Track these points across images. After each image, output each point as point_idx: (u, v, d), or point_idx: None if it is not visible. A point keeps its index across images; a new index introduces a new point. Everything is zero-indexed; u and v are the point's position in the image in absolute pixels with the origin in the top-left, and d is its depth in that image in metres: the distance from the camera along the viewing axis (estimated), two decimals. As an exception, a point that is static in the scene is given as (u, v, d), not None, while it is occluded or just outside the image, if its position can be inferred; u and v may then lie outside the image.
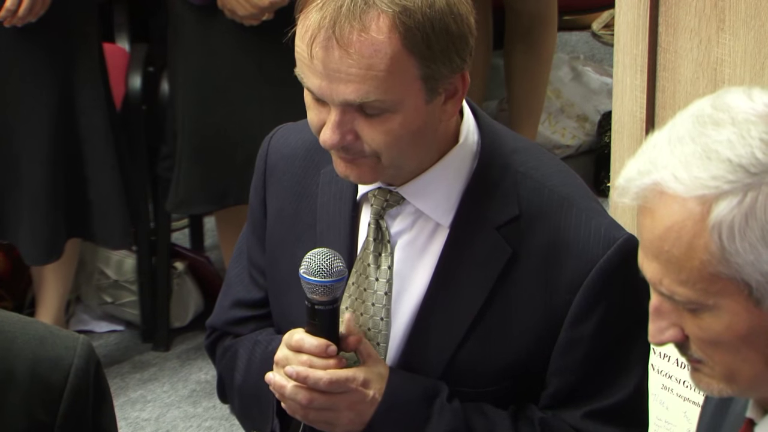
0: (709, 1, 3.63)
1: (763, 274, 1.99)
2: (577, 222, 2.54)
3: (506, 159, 2.57)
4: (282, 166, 2.70)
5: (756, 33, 3.54)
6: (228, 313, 2.79)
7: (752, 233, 1.99)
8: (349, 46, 2.35)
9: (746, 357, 2.06)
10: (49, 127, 4.30)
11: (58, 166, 4.32)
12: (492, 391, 2.57)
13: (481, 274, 2.54)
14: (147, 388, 4.63)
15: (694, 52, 3.68)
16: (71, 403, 2.36)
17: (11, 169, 4.31)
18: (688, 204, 2.01)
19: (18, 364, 2.36)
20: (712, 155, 2.03)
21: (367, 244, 2.57)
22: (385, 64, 2.36)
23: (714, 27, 3.62)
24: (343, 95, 2.37)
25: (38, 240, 4.36)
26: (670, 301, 2.07)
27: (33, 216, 4.34)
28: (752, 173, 1.99)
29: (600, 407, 2.54)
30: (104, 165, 4.35)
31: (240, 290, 2.77)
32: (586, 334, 2.51)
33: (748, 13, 3.55)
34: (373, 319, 2.58)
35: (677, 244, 2.03)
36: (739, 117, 2.05)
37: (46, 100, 4.29)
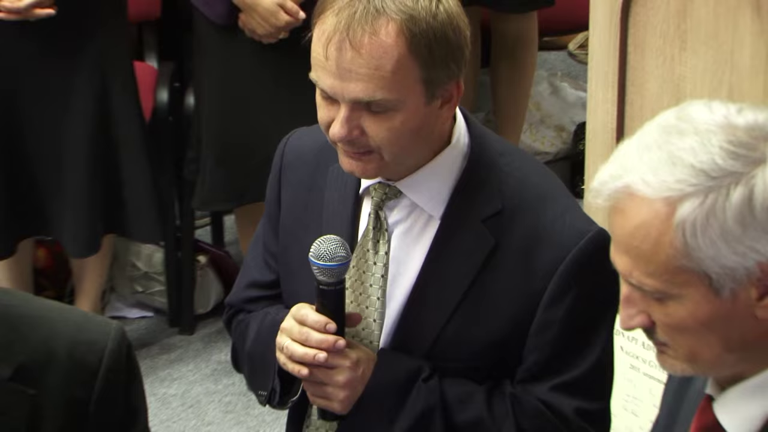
0: (673, 25, 3.63)
1: (722, 267, 2.00)
2: (553, 216, 2.54)
3: (492, 160, 2.58)
4: (295, 164, 2.72)
5: (714, 52, 3.54)
6: (244, 293, 2.80)
7: (712, 231, 2.00)
8: (361, 47, 2.36)
9: (707, 341, 2.07)
10: (88, 137, 4.30)
11: (96, 170, 4.33)
12: (474, 366, 2.58)
13: (467, 261, 2.55)
14: (173, 367, 4.63)
15: (659, 69, 3.68)
16: (105, 381, 2.36)
17: (55, 173, 4.32)
18: (656, 205, 2.02)
19: (58, 346, 2.36)
20: (676, 161, 2.03)
21: (367, 232, 2.59)
22: (391, 66, 2.38)
23: (677, 47, 3.62)
24: (353, 93, 2.39)
25: (79, 235, 4.36)
26: (639, 291, 2.08)
27: (75, 214, 4.35)
28: (713, 177, 2.00)
29: (564, 381, 2.55)
30: (137, 169, 4.36)
31: (255, 273, 2.79)
32: (557, 317, 2.52)
33: (707, 35, 3.55)
34: (371, 299, 2.59)
35: (646, 240, 2.04)
36: (701, 127, 2.05)
37: (85, 113, 4.30)
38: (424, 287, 2.58)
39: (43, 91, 4.26)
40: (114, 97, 4.31)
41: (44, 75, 4.24)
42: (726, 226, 1.98)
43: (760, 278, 2.00)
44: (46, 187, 4.36)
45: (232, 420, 4.41)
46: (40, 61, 4.23)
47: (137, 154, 4.37)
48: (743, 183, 1.99)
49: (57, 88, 4.26)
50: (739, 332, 2.05)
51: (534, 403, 2.54)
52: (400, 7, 2.39)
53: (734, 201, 1.98)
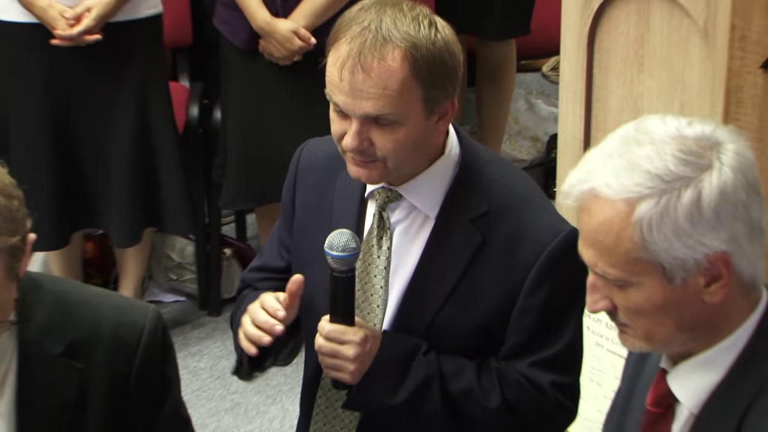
0: (632, 50, 3.62)
1: (674, 259, 2.01)
2: (533, 217, 2.54)
3: (480, 168, 2.57)
4: (309, 171, 2.71)
5: (668, 74, 3.52)
6: (255, 273, 2.82)
7: (666, 227, 2.00)
8: (371, 70, 2.36)
9: (661, 322, 2.07)
10: (130, 145, 4.31)
11: (136, 174, 4.34)
12: (463, 346, 2.57)
13: (458, 256, 2.54)
14: (203, 344, 4.63)
15: (621, 88, 3.67)
16: (144, 356, 2.37)
17: (102, 176, 4.33)
18: (617, 205, 2.03)
19: (103, 327, 2.36)
20: (635, 167, 2.04)
21: (372, 230, 2.58)
22: (397, 86, 2.38)
23: (635, 69, 3.61)
24: (363, 109, 2.39)
25: (123, 228, 4.37)
26: (602, 279, 2.09)
27: (119, 210, 4.35)
28: (666, 181, 2.01)
29: (541, 358, 2.54)
30: (171, 173, 4.36)
31: (268, 258, 2.81)
32: (535, 304, 2.52)
33: (661, 59, 3.54)
34: (375, 287, 2.59)
35: (608, 235, 2.04)
36: (656, 138, 2.06)
37: (127, 125, 4.30)
38: (420, 278, 2.57)
39: (92, 106, 4.26)
40: (152, 112, 4.31)
41: (93, 92, 4.23)
42: (678, 223, 1.98)
43: (707, 268, 2.01)
44: (95, 188, 4.36)
45: (254, 390, 4.40)
46: (89, 80, 4.23)
47: (171, 160, 4.36)
48: (692, 186, 1.99)
49: (103, 103, 4.26)
50: (689, 315, 2.05)
51: (516, 376, 2.54)
52: (404, 35, 2.39)
53: (685, 202, 1.99)
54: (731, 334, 2.08)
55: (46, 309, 2.33)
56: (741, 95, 3.24)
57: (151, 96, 4.31)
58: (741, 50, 3.22)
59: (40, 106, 4.23)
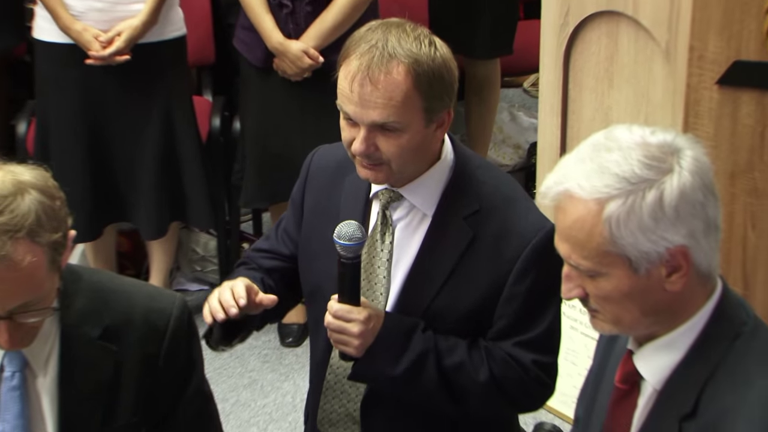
0: (602, 68, 3.62)
1: (639, 252, 2.01)
2: (518, 215, 2.54)
3: (472, 172, 2.58)
4: (318, 174, 2.71)
5: (634, 89, 3.53)
6: (260, 253, 2.81)
7: (632, 224, 2.01)
8: (378, 83, 2.37)
9: (628, 308, 2.08)
10: (158, 151, 4.30)
11: (163, 175, 4.33)
12: (456, 328, 2.57)
13: (451, 249, 2.54)
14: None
15: (592, 102, 3.67)
16: (171, 340, 2.37)
17: (132, 177, 4.33)
18: (588, 204, 2.03)
19: (135, 313, 2.36)
20: (604, 170, 2.04)
21: (376, 227, 2.58)
22: (401, 97, 2.38)
23: (606, 85, 3.61)
24: (371, 117, 2.40)
25: (151, 222, 4.37)
26: (576, 270, 2.10)
27: (147, 206, 4.35)
28: (632, 183, 2.03)
29: (524, 339, 2.54)
30: (194, 175, 4.36)
31: (272, 242, 2.81)
32: (520, 292, 2.52)
33: (628, 76, 3.54)
34: (378, 277, 2.58)
35: (581, 231, 2.05)
36: (623, 144, 2.07)
37: (155, 134, 4.29)
38: (419, 269, 2.57)
39: (123, 117, 4.25)
40: (176, 121, 4.30)
41: (123, 105, 4.23)
42: (642, 220, 1.99)
43: (668, 260, 2.02)
44: (125, 187, 4.35)
45: (268, 368, 4.40)
46: (120, 95, 4.22)
47: (194, 164, 4.36)
48: (656, 187, 2.00)
49: (133, 114, 4.25)
50: (652, 301, 2.06)
51: (502, 354, 2.54)
52: (407, 52, 2.40)
53: (649, 201, 2.00)
54: (690, 319, 2.09)
55: (84, 297, 2.33)
56: (698, 108, 3.25)
57: (176, 108, 4.30)
58: (699, 68, 3.22)
59: (77, 117, 4.22)
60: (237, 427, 4.11)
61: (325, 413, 2.70)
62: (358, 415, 2.66)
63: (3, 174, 2.16)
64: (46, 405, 2.32)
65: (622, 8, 3.49)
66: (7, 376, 2.28)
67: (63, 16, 4.08)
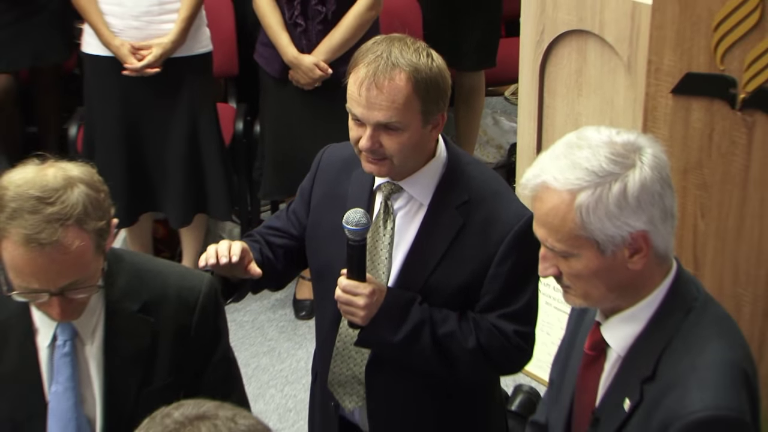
0: (573, 79, 3.63)
1: (606, 236, 2.02)
2: (502, 205, 2.54)
3: (462, 167, 2.57)
4: (327, 169, 2.71)
5: (600, 97, 3.54)
6: (266, 230, 2.79)
7: (600, 211, 2.03)
8: (383, 88, 2.38)
9: (596, 285, 2.09)
10: (184, 150, 4.32)
11: (188, 171, 4.34)
12: (448, 302, 2.57)
13: (444, 234, 2.54)
14: (245, 302, 4.59)
15: (564, 108, 3.68)
16: (201, 313, 2.36)
17: (162, 173, 4.34)
18: (562, 195, 2.04)
19: (169, 290, 2.36)
20: (576, 165, 2.05)
21: (379, 215, 2.58)
22: (402, 100, 2.39)
23: (576, 94, 3.62)
24: (376, 118, 2.40)
25: (178, 212, 4.38)
26: (551, 251, 2.11)
27: (175, 198, 4.36)
28: (600, 176, 2.03)
29: (506, 312, 2.54)
30: (215, 173, 4.37)
31: (282, 222, 2.78)
32: (503, 271, 2.51)
33: (595, 86, 3.55)
34: (381, 259, 2.58)
35: (555, 217, 2.06)
36: (593, 143, 2.07)
37: (182, 135, 4.30)
38: (416, 251, 2.57)
39: (155, 120, 4.27)
40: (201, 125, 4.31)
41: (155, 110, 4.25)
42: (609, 208, 2.00)
43: (631, 243, 2.03)
44: (157, 181, 4.36)
45: (285, 337, 4.41)
46: (153, 101, 4.23)
47: (216, 163, 4.36)
48: (620, 180, 2.01)
49: (163, 118, 4.27)
50: (617, 279, 2.07)
51: (487, 325, 2.54)
52: (408, 62, 2.40)
53: (614, 192, 2.01)
54: (649, 295, 2.09)
55: (126, 276, 2.33)
56: (655, 113, 3.25)
57: (201, 114, 4.30)
58: (656, 79, 3.22)
59: (117, 122, 4.24)
60: (257, 388, 4.13)
61: (335, 375, 2.70)
62: (363, 377, 2.66)
63: (55, 170, 2.16)
64: (93, 369, 2.32)
65: (589, 27, 3.50)
66: (60, 345, 2.28)
67: (104, 33, 4.09)
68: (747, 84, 3.01)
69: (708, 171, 3.18)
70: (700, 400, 1.96)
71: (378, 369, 2.65)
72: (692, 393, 1.97)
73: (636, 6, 3.33)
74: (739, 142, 3.08)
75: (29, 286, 2.14)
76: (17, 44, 4.79)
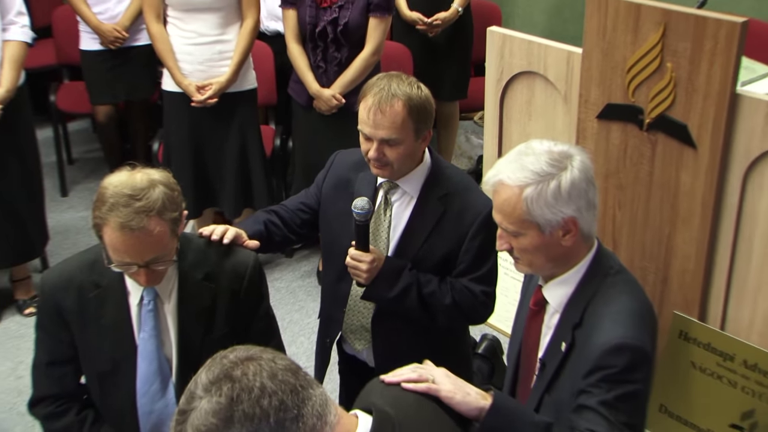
0: (524, 107, 3.61)
1: (545, 220, 2.02)
2: (472, 198, 2.53)
3: (442, 170, 2.57)
4: (338, 168, 2.69)
5: (544, 121, 3.52)
6: (282, 205, 2.74)
7: (541, 202, 2.03)
8: (385, 113, 2.36)
9: (538, 256, 2.09)
10: (235, 160, 4.28)
11: (238, 178, 4.30)
12: (431, 269, 2.56)
13: (429, 220, 2.53)
14: (282, 273, 4.61)
15: (518, 129, 3.66)
16: (248, 281, 2.34)
17: (220, 177, 4.31)
18: (513, 189, 2.04)
19: (226, 264, 2.35)
20: (524, 168, 2.05)
21: (380, 205, 2.57)
22: (399, 122, 2.38)
23: (526, 118, 3.60)
24: (381, 135, 2.39)
25: (231, 207, 4.34)
26: (505, 231, 2.11)
27: (228, 197, 4.32)
28: (541, 176, 2.03)
29: (475, 276, 2.54)
30: (258, 178, 4.34)
31: (305, 196, 2.74)
32: (473, 246, 2.51)
33: (542, 112, 3.53)
34: (381, 238, 2.57)
35: (508, 206, 2.05)
36: (536, 151, 2.08)
37: (234, 149, 4.27)
38: (408, 232, 2.56)
39: (214, 139, 4.24)
40: (248, 143, 4.29)
41: (215, 130, 4.23)
42: (547, 199, 2.00)
43: (563, 225, 2.03)
44: (215, 184, 4.33)
45: (311, 299, 4.38)
46: (212, 125, 4.21)
47: (260, 169, 4.33)
48: (556, 179, 2.01)
49: (221, 136, 4.24)
50: (554, 252, 2.07)
51: (460, 286, 2.54)
52: (403, 93, 2.40)
53: (552, 187, 2.01)
54: (578, 264, 2.10)
55: (193, 253, 2.34)
56: (585, 133, 3.24)
57: (248, 132, 4.28)
58: (585, 108, 3.22)
59: (187, 139, 4.22)
60: (290, 337, 4.11)
61: (347, 325, 2.70)
62: (369, 326, 2.67)
63: (142, 175, 2.18)
64: (170, 321, 2.33)
65: (536, 70, 3.49)
66: (146, 303, 2.30)
67: (177, 75, 4.09)
68: (651, 112, 3.02)
69: (623, 175, 3.18)
70: (613, 333, 1.96)
71: (380, 320, 2.65)
72: (607, 330, 1.98)
73: (570, 54, 3.33)
74: (645, 155, 3.08)
75: (123, 260, 2.16)
76: (117, 84, 4.82)
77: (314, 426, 1.45)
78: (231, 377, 1.45)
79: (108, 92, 4.85)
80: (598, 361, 1.92)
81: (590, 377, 1.93)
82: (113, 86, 4.82)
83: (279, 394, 1.44)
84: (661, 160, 3.05)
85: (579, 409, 1.92)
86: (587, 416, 1.89)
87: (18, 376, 3.78)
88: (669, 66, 2.90)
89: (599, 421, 1.87)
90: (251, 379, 1.45)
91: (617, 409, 1.88)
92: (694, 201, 3.01)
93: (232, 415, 1.42)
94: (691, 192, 3.00)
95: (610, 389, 1.89)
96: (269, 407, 1.43)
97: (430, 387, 1.77)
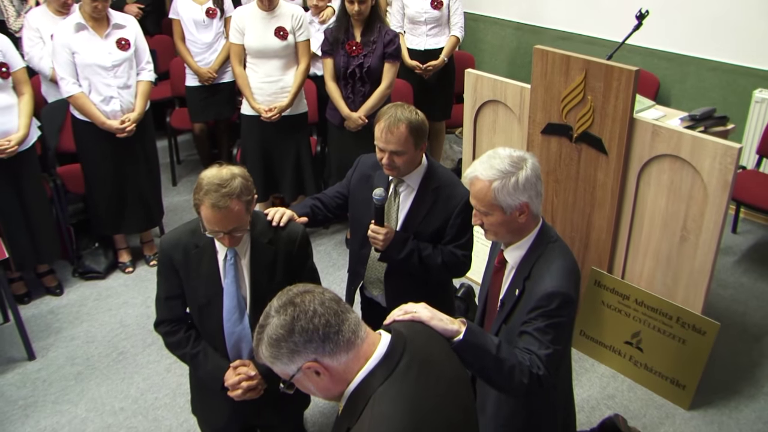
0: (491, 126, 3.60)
1: (507, 205, 2.00)
2: (456, 189, 2.48)
3: (435, 169, 2.51)
4: (362, 167, 2.64)
5: (506, 136, 3.51)
6: (323, 193, 2.67)
7: (504, 191, 2.00)
8: (393, 133, 2.31)
9: (501, 229, 2.07)
10: (293, 161, 4.22)
11: (295, 172, 4.24)
12: (428, 239, 2.52)
13: (425, 205, 2.49)
14: (321, 241, 4.57)
15: (487, 141, 3.65)
16: (299, 245, 2.30)
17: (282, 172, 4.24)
18: (484, 183, 2.02)
19: (283, 233, 2.30)
20: (492, 167, 2.03)
21: (391, 195, 2.52)
22: (404, 139, 2.32)
23: (492, 133, 3.59)
24: (390, 148, 2.34)
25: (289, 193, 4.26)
26: (479, 212, 2.07)
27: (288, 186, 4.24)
28: (504, 173, 2.01)
29: (458, 244, 2.49)
30: (308, 173, 4.28)
31: (340, 187, 2.67)
32: (457, 223, 2.47)
33: (504, 128, 3.52)
34: (392, 217, 2.53)
35: (481, 194, 2.02)
36: (501, 155, 2.04)
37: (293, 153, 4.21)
38: (411, 214, 2.51)
39: (278, 146, 4.19)
40: (302, 149, 4.24)
41: (278, 140, 4.18)
42: (509, 190, 1.97)
43: (519, 208, 2.00)
44: (278, 176, 4.27)
45: (341, 258, 4.35)
46: (276, 135, 4.16)
47: (309, 168, 4.28)
48: (515, 176, 1.99)
49: (282, 146, 4.20)
50: (512, 227, 2.04)
51: (447, 251, 2.50)
52: (406, 117, 2.34)
53: (512, 181, 1.98)
54: (528, 235, 2.07)
55: (260, 226, 2.32)
56: (533, 144, 3.23)
57: (301, 141, 4.24)
58: (533, 126, 3.20)
59: (257, 146, 4.15)
60: (326, 285, 4.03)
61: (367, 278, 2.68)
62: (383, 278, 2.64)
63: (226, 170, 2.16)
64: (245, 271, 2.31)
65: (499, 99, 3.47)
66: (228, 258, 2.28)
67: (252, 102, 4.05)
68: (577, 129, 3.02)
69: (559, 173, 3.17)
70: (550, 283, 1.96)
71: (391, 274, 2.62)
72: (546, 281, 1.97)
73: (522, 88, 3.32)
74: (574, 159, 3.08)
75: (214, 229, 2.15)
76: (208, 109, 4.83)
77: (350, 339, 1.48)
78: (293, 303, 1.49)
79: (202, 114, 4.90)
80: (538, 302, 1.94)
81: (531, 313, 1.95)
82: (206, 110, 4.86)
83: (326, 316, 1.48)
84: (585, 162, 3.07)
85: (521, 334, 1.95)
86: (525, 339, 1.93)
87: (147, 306, 3.92)
88: (589, 98, 2.96)
89: (532, 341, 1.91)
90: (307, 305, 1.48)
91: (546, 333, 1.91)
92: (605, 191, 3.06)
93: (293, 328, 1.46)
94: (604, 185, 3.05)
95: (543, 321, 1.91)
96: (319, 324, 1.47)
97: (413, 316, 1.75)
